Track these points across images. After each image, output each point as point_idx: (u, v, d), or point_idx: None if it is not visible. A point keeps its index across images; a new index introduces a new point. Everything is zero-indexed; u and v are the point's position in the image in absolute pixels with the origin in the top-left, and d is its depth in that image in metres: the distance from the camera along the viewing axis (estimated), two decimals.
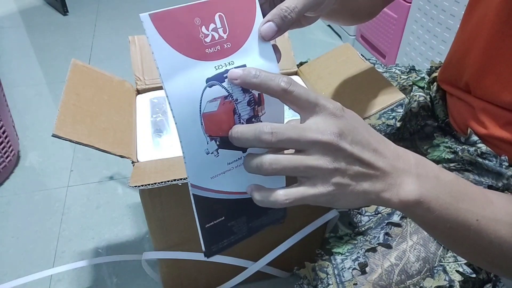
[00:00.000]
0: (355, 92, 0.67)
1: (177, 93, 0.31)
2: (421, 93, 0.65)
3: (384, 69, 0.78)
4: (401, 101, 0.62)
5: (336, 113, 0.30)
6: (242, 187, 0.37)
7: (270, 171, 0.30)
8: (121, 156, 0.56)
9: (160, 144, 0.64)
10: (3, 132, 1.07)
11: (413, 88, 0.69)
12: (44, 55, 1.75)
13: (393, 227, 0.52)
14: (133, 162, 0.58)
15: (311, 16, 0.41)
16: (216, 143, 0.34)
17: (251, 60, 0.34)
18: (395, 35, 1.47)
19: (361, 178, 0.30)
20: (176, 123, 0.32)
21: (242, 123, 0.34)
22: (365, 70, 0.67)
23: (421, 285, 0.48)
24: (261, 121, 0.35)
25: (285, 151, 0.32)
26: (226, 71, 0.33)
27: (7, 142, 1.10)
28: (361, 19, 0.55)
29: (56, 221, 1.02)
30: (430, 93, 0.66)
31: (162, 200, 0.62)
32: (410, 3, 1.35)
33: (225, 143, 0.34)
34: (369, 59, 0.74)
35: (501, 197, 0.36)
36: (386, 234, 0.51)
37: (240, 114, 0.34)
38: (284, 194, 0.31)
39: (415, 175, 0.31)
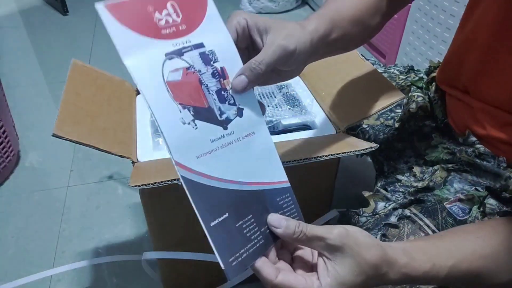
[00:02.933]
0: (356, 92, 0.67)
1: (138, 66, 0.33)
2: (419, 94, 0.65)
3: (383, 69, 0.78)
4: (400, 101, 0.62)
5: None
6: (235, 174, 0.36)
7: None
8: (121, 156, 0.56)
9: (160, 144, 0.64)
10: (3, 132, 1.07)
11: (412, 88, 0.69)
12: (44, 55, 1.75)
13: (390, 228, 0.52)
14: (133, 162, 0.58)
15: (290, 70, 0.42)
16: (190, 112, 0.34)
17: (208, 40, 0.36)
18: (395, 35, 1.47)
19: None
20: (142, 93, 0.33)
21: (212, 95, 0.36)
22: (365, 70, 0.68)
23: (417, 286, 0.47)
24: (232, 96, 0.37)
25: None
26: (184, 47, 0.35)
27: (7, 142, 1.10)
28: (357, 46, 0.54)
29: (56, 221, 1.02)
30: (429, 93, 0.66)
31: (162, 200, 0.62)
32: (410, 3, 1.35)
33: (200, 113, 0.35)
34: (369, 59, 0.74)
35: (495, 252, 0.39)
36: (383, 235, 0.51)
37: (207, 85, 0.36)
38: None
39: (402, 274, 0.35)
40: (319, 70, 0.76)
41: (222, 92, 0.36)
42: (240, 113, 0.37)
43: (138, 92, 0.73)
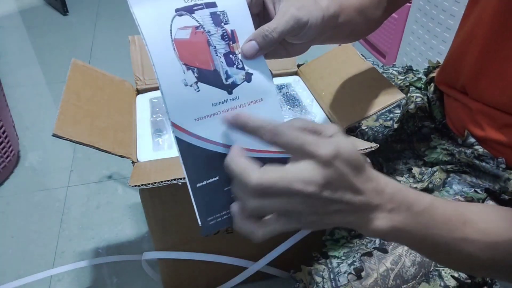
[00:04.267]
0: (355, 92, 0.67)
1: (146, 17, 0.32)
2: (418, 94, 0.65)
3: (382, 69, 0.78)
4: (399, 102, 0.62)
5: (326, 162, 0.29)
6: (236, 140, 0.35)
7: (251, 212, 0.31)
8: (121, 156, 0.56)
9: (160, 144, 0.64)
10: (3, 132, 1.07)
11: (410, 89, 0.69)
12: (44, 55, 1.75)
13: None
14: (133, 162, 0.58)
15: (298, 44, 0.41)
16: (194, 74, 0.33)
17: (221, 0, 0.36)
18: (395, 35, 1.47)
19: (335, 213, 0.31)
20: (147, 46, 0.32)
21: (220, 57, 0.35)
22: (365, 70, 0.68)
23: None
24: (241, 60, 0.36)
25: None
26: (196, 4, 0.34)
27: (7, 142, 1.10)
28: (358, 38, 0.55)
29: (56, 221, 1.02)
30: (428, 93, 0.66)
31: (162, 200, 0.62)
32: (410, 3, 1.35)
33: (204, 76, 0.34)
34: (368, 60, 0.74)
35: (483, 213, 0.37)
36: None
37: (215, 47, 0.35)
38: (262, 233, 0.31)
39: (388, 210, 0.32)
40: (319, 70, 0.76)
41: (230, 56, 0.35)
42: (248, 78, 0.36)
43: (138, 92, 0.73)
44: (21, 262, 0.92)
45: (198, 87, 0.33)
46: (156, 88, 0.73)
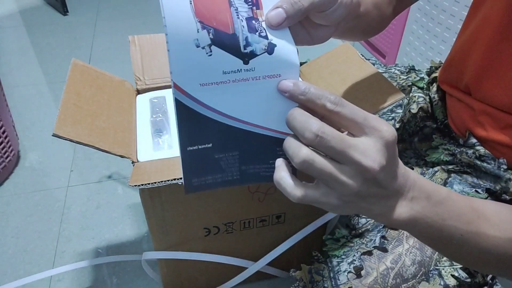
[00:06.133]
0: (355, 92, 0.67)
1: None
2: (420, 94, 0.65)
3: (384, 69, 0.78)
4: (400, 102, 0.62)
5: (389, 142, 0.29)
6: (240, 112, 0.32)
7: (298, 164, 0.29)
8: (121, 156, 0.56)
9: (160, 144, 0.64)
10: (3, 132, 1.07)
11: (412, 88, 0.69)
12: (44, 55, 1.75)
13: (389, 230, 0.52)
14: (133, 162, 0.58)
15: (321, 29, 0.40)
16: (209, 35, 0.30)
17: None
18: (395, 35, 1.47)
19: (369, 197, 0.31)
20: None
21: (242, 21, 0.31)
22: (365, 70, 0.67)
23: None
24: (264, 28, 0.32)
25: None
26: None
27: (7, 142, 1.10)
28: (370, 35, 0.55)
29: (56, 221, 1.02)
30: (430, 93, 0.66)
31: (162, 200, 0.62)
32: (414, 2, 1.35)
33: (220, 39, 0.30)
34: (369, 59, 0.74)
35: (497, 210, 0.37)
36: (383, 237, 0.51)
37: (237, 8, 0.31)
38: (301, 194, 0.30)
39: (409, 198, 0.32)
40: (319, 70, 0.76)
41: (253, 21, 0.31)
42: (270, 49, 0.32)
43: (138, 92, 0.73)
44: (21, 262, 0.92)
45: (210, 51, 0.30)
46: (156, 88, 0.73)
